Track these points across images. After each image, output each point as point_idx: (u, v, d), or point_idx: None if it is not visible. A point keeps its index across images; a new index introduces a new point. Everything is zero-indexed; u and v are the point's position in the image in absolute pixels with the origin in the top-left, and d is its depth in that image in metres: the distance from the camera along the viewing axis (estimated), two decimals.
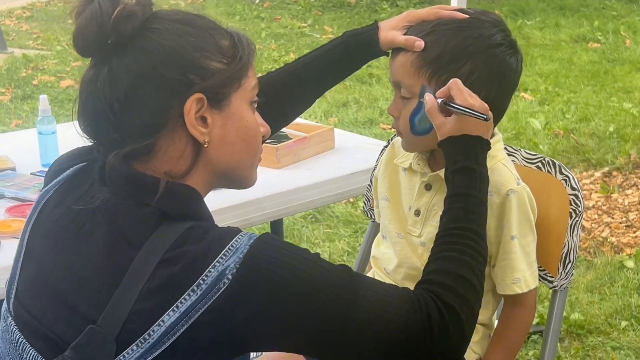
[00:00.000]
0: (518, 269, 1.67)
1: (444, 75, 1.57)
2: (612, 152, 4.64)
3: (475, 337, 1.75)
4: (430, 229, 1.70)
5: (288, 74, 1.76)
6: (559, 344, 3.01)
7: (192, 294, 1.21)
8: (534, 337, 3.02)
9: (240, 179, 1.41)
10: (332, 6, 8.72)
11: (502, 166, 1.68)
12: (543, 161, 1.82)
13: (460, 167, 1.48)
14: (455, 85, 1.51)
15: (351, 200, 4.07)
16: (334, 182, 2.34)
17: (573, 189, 1.76)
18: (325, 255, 3.69)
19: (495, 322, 1.79)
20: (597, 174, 4.44)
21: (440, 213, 1.66)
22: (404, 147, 1.71)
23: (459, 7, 1.68)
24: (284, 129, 2.51)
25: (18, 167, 2.40)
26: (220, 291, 1.21)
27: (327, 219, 4.05)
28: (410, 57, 1.61)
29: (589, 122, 5.19)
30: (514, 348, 1.75)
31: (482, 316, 1.76)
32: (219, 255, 1.23)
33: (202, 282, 1.21)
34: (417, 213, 1.71)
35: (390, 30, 1.67)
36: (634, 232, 3.84)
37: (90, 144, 1.36)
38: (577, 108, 5.47)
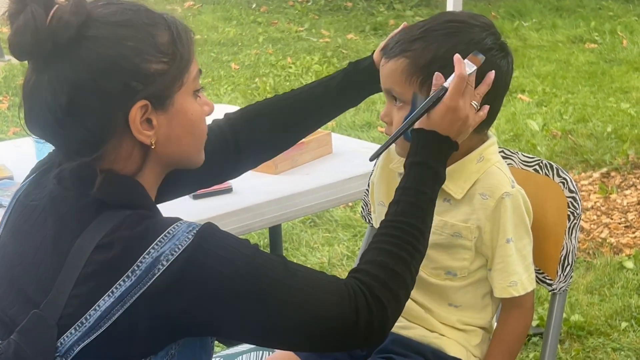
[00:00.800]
0: (514, 272, 1.67)
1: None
2: (610, 153, 4.64)
3: (475, 341, 1.76)
4: None
5: (293, 99, 1.78)
6: (559, 346, 3.00)
7: (126, 279, 1.24)
8: (534, 339, 3.02)
9: (190, 164, 1.45)
10: (329, 10, 8.72)
11: (496, 169, 1.68)
12: (540, 164, 1.82)
13: (419, 161, 1.50)
14: (460, 81, 1.51)
15: (350, 204, 4.07)
16: (331, 187, 2.34)
17: (571, 191, 1.76)
18: (324, 260, 3.69)
19: (495, 325, 1.79)
20: (596, 174, 4.44)
21: (436, 218, 1.67)
22: (398, 153, 1.71)
23: (452, 10, 1.67)
24: None
25: (15, 176, 2.39)
26: (155, 277, 1.24)
27: (326, 223, 4.05)
28: (400, 64, 1.60)
29: (586, 123, 5.19)
30: (513, 351, 1.75)
31: (482, 319, 1.76)
32: (155, 242, 1.26)
33: (136, 268, 1.25)
34: None
35: (379, 50, 1.70)
36: (633, 233, 3.84)
37: None
38: (575, 109, 5.47)
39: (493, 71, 1.57)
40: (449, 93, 1.50)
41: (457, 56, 1.52)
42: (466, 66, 1.52)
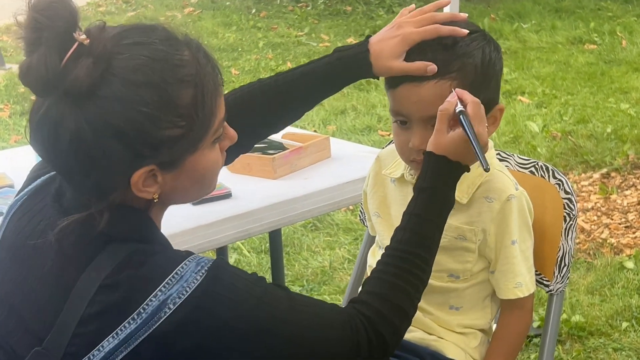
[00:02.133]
0: (519, 273, 1.68)
1: (480, 96, 1.53)
2: (610, 154, 4.65)
3: (474, 343, 1.76)
4: None
5: (275, 87, 1.69)
6: (560, 347, 3.01)
7: (132, 321, 1.21)
8: (536, 340, 3.02)
9: (197, 199, 1.41)
10: (329, 14, 8.73)
11: (498, 172, 1.69)
12: (536, 166, 1.83)
13: (427, 187, 1.46)
14: (477, 107, 1.47)
15: (351, 207, 4.08)
16: (330, 191, 2.34)
17: (567, 192, 1.77)
18: (326, 264, 3.70)
19: (494, 327, 1.80)
20: (596, 175, 4.44)
21: None
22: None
23: (450, 14, 1.65)
24: (280, 139, 2.53)
25: (16, 184, 2.40)
26: (162, 320, 1.21)
27: (327, 227, 4.05)
28: (445, 85, 1.55)
29: (586, 124, 5.19)
30: (513, 352, 1.76)
31: (481, 322, 1.77)
32: (162, 284, 1.22)
33: (142, 310, 1.21)
34: None
35: (391, 59, 1.57)
36: (634, 233, 3.84)
37: None
38: (575, 110, 5.47)
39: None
40: (469, 121, 1.45)
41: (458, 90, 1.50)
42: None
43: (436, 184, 1.46)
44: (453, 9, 3.51)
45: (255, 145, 2.42)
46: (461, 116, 1.45)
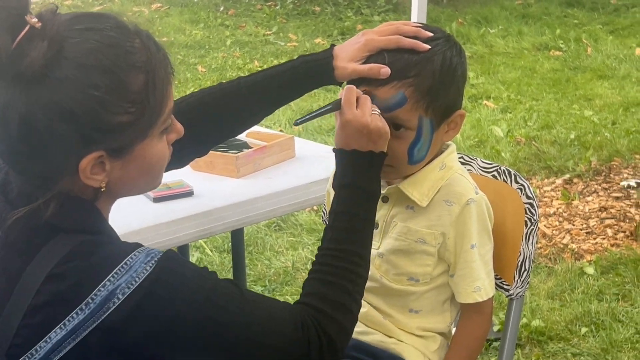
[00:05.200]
0: (478, 277, 1.68)
1: (438, 102, 1.57)
2: (573, 160, 4.68)
3: (433, 346, 1.76)
4: (389, 240, 1.71)
5: (237, 90, 1.68)
6: (520, 351, 3.03)
7: (80, 312, 1.20)
8: (495, 344, 3.03)
9: (144, 192, 1.41)
10: (297, 14, 8.72)
11: (459, 176, 1.69)
12: (499, 170, 1.84)
13: (347, 183, 1.47)
14: (347, 92, 1.51)
15: (315, 208, 4.07)
16: (294, 191, 2.33)
17: (528, 197, 1.78)
18: (289, 264, 3.69)
19: (453, 331, 1.80)
20: (558, 181, 4.48)
21: (399, 224, 1.67)
22: (390, 177, 1.69)
23: (415, 24, 1.63)
24: (244, 138, 2.51)
25: None
26: (110, 310, 1.21)
27: (291, 227, 4.04)
28: (401, 90, 1.56)
29: (550, 130, 5.23)
30: (472, 356, 1.76)
31: (441, 325, 1.77)
32: (110, 274, 1.21)
33: (90, 301, 1.21)
34: (375, 226, 1.71)
35: (349, 62, 1.60)
36: (594, 239, 3.87)
37: None
38: (539, 116, 5.52)
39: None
40: (342, 108, 1.49)
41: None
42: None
43: (354, 179, 1.47)
44: (421, 12, 3.51)
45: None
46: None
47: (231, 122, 1.71)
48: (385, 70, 1.55)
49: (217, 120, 1.68)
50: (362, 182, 1.47)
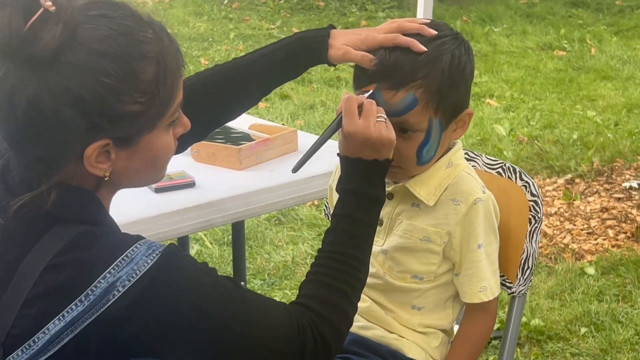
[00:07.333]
0: (484, 277, 1.68)
1: (448, 101, 1.57)
2: (575, 160, 4.68)
3: (435, 343, 1.76)
4: (394, 238, 1.70)
5: (234, 70, 1.67)
6: (518, 350, 3.02)
7: (79, 304, 1.19)
8: (494, 342, 3.02)
9: (146, 185, 1.40)
10: (301, 8, 8.70)
11: (466, 175, 1.68)
12: (504, 167, 1.83)
13: (351, 189, 1.46)
14: (347, 102, 1.49)
15: (316, 202, 4.06)
16: (296, 184, 2.32)
17: (533, 195, 1.77)
18: (288, 258, 3.68)
19: (456, 328, 1.79)
20: (560, 180, 4.47)
21: (404, 222, 1.66)
22: (398, 178, 1.68)
23: (421, 21, 1.61)
24: (247, 130, 2.50)
25: None
26: (109, 303, 1.19)
27: (291, 221, 4.03)
28: (413, 93, 1.55)
29: (553, 129, 5.22)
30: (475, 354, 1.75)
31: (443, 322, 1.76)
32: (111, 266, 1.20)
33: (90, 292, 1.19)
34: (380, 222, 1.70)
35: (343, 45, 1.59)
36: (595, 239, 3.87)
37: None
38: (542, 115, 5.51)
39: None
40: (343, 120, 1.47)
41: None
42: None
43: (359, 185, 1.46)
44: (427, 10, 3.51)
45: (222, 135, 2.42)
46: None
47: (227, 103, 1.69)
48: (373, 59, 1.55)
49: (214, 101, 1.66)
50: (367, 188, 1.46)
